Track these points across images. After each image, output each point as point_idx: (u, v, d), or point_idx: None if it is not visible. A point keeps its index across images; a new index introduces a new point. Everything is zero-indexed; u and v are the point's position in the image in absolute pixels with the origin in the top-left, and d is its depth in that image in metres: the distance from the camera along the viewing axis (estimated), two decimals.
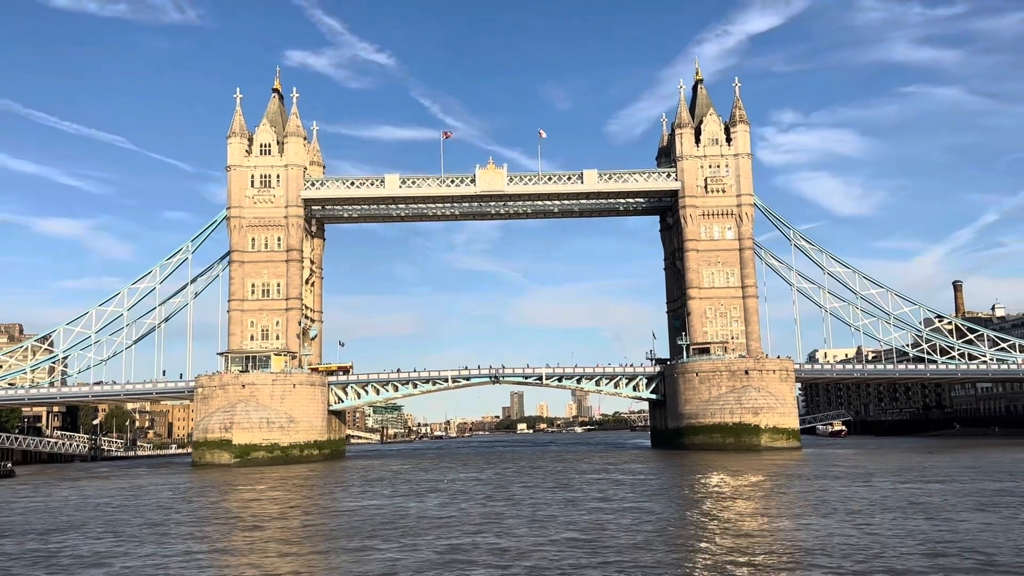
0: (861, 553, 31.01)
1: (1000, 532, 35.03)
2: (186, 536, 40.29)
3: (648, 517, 43.13)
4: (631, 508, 47.30)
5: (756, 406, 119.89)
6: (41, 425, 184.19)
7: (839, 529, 37.06)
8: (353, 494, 62.97)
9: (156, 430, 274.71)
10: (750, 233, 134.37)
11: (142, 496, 65.36)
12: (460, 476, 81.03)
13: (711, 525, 39.73)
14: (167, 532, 41.93)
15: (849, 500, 48.54)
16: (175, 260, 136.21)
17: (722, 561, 30.33)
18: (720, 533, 37.03)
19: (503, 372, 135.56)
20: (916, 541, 33.31)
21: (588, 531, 38.23)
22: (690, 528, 39.21)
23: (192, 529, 43.00)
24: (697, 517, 43.02)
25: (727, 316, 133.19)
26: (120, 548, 36.89)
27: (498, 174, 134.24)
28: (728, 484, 62.88)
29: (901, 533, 35.43)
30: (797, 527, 38.18)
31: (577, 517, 43.52)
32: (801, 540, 34.32)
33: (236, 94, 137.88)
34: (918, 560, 29.44)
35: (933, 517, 40.22)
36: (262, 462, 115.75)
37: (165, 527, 43.97)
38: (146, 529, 43.35)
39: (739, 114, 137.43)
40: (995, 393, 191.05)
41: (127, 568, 31.99)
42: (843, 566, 28.59)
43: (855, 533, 35.67)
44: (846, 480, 62.89)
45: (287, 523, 45.27)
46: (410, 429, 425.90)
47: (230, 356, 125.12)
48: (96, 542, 39.04)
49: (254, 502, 58.19)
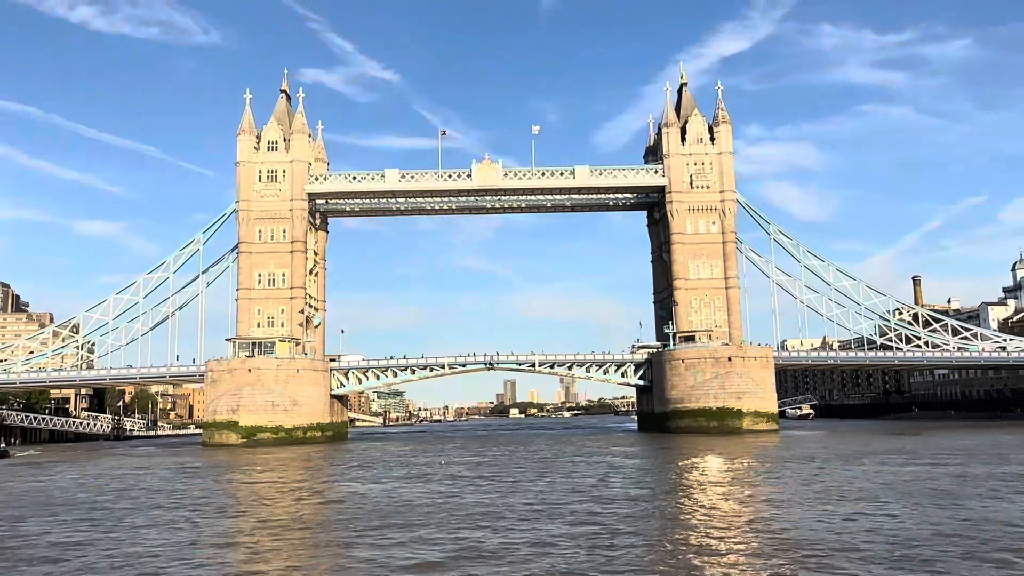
0: (899, 544, 25.45)
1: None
2: (166, 523, 34.42)
3: (651, 505, 37.52)
4: (633, 497, 41.58)
5: (739, 391, 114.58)
6: (69, 407, 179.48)
7: (864, 521, 31.45)
8: (347, 478, 57.24)
9: (178, 411, 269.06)
10: (733, 227, 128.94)
11: (142, 477, 59.43)
12: (456, 459, 75.18)
13: (722, 509, 34.16)
14: (145, 518, 36.05)
15: (853, 483, 42.96)
16: (188, 251, 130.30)
17: (747, 552, 24.74)
18: (731, 520, 31.48)
19: (497, 359, 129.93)
20: (934, 524, 27.82)
21: (591, 523, 32.51)
22: (702, 517, 33.55)
23: (175, 515, 37.13)
24: (707, 502, 37.45)
25: (711, 306, 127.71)
26: (84, 535, 31.01)
27: (493, 169, 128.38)
28: (723, 467, 57.39)
29: (923, 519, 29.89)
30: (815, 516, 32.58)
31: (578, 507, 37.78)
32: (820, 530, 28.75)
33: (246, 94, 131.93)
34: (947, 545, 23.95)
35: (954, 502, 34.67)
36: (267, 442, 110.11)
37: (147, 511, 38.11)
38: (126, 514, 37.45)
39: (722, 115, 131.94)
40: (951, 379, 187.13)
41: (85, 562, 26.13)
42: (875, 554, 23.11)
43: (887, 523, 30.11)
44: (839, 461, 57.35)
45: (272, 509, 39.47)
46: (411, 413, 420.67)
47: (237, 342, 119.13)
48: (64, 528, 33.14)
49: (250, 485, 52.47)
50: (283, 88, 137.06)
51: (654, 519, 32.66)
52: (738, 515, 32.93)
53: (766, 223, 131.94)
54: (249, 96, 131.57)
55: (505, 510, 35.79)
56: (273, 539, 29.76)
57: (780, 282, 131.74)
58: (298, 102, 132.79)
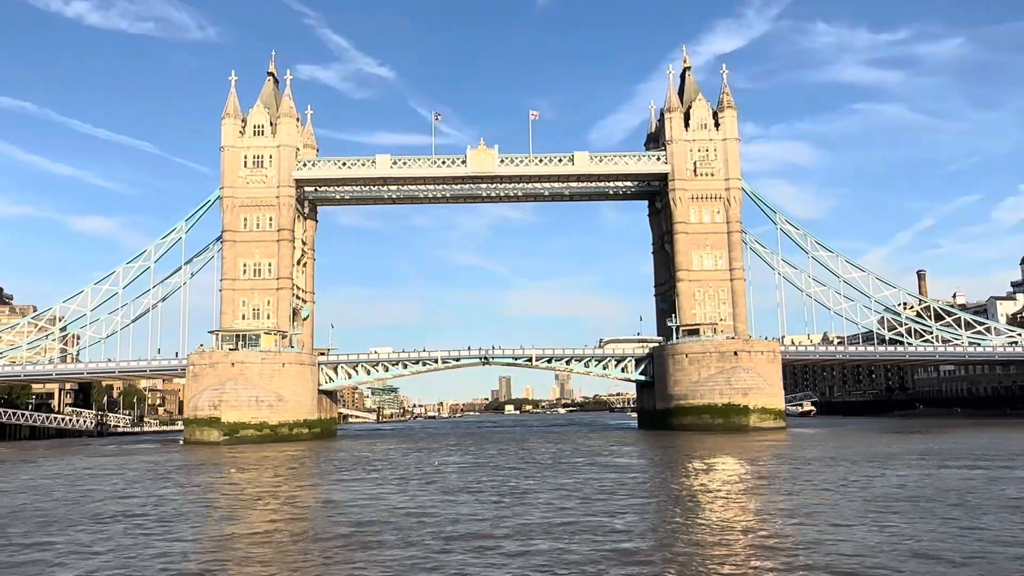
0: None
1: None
2: (89, 539, 28.27)
3: (675, 522, 31.51)
4: (650, 511, 35.56)
5: (745, 387, 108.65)
6: (53, 402, 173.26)
7: (950, 539, 25.48)
8: (326, 482, 51.12)
9: (167, 407, 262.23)
10: (738, 217, 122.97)
11: (103, 479, 53.23)
12: (448, 459, 69.10)
13: (767, 529, 28.18)
14: (67, 534, 29.90)
15: (898, 490, 36.97)
16: (170, 240, 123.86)
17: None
18: (786, 542, 25.45)
19: (493, 353, 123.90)
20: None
21: (603, 548, 26.51)
22: (743, 538, 27.59)
23: (108, 529, 30.98)
24: (744, 519, 31.44)
25: (715, 298, 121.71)
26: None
27: (489, 155, 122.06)
28: (743, 471, 51.39)
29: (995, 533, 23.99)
30: (884, 534, 26.63)
31: (588, 524, 31.73)
32: (902, 554, 22.75)
33: (231, 76, 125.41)
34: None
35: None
36: (251, 440, 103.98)
37: (78, 523, 31.96)
38: (50, 526, 31.27)
39: (727, 99, 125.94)
40: (957, 376, 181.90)
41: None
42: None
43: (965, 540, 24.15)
44: (867, 464, 51.40)
45: (224, 523, 33.35)
46: (405, 410, 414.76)
47: (221, 334, 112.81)
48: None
49: (215, 490, 46.26)
50: (270, 71, 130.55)
51: (680, 542, 26.65)
52: (786, 535, 26.93)
53: (772, 212, 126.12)
54: (235, 78, 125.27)
55: (501, 527, 29.76)
56: (206, 563, 23.66)
57: (785, 275, 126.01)
58: (285, 84, 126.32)
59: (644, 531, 28.24)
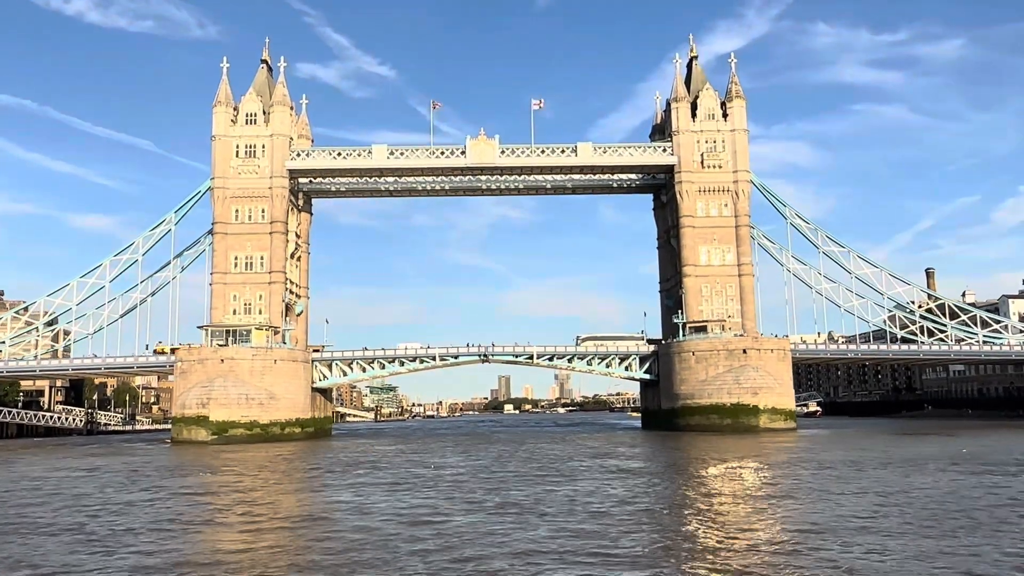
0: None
1: None
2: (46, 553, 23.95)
3: (706, 543, 27.17)
4: (674, 529, 31.20)
5: (755, 386, 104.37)
6: (43, 399, 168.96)
7: None
8: (312, 487, 46.77)
9: (161, 405, 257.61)
10: (746, 210, 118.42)
11: (72, 483, 48.93)
12: (447, 461, 64.72)
13: (820, 553, 23.82)
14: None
15: (945, 502, 32.64)
16: (159, 231, 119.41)
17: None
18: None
19: (492, 351, 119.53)
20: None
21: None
22: (791, 563, 23.27)
23: (64, 539, 26.59)
24: (785, 539, 27.10)
25: (723, 294, 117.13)
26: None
27: (490, 145, 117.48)
28: (767, 477, 47.00)
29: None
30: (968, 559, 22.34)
31: (604, 547, 27.38)
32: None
33: (223, 63, 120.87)
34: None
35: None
36: (240, 439, 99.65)
37: (26, 532, 27.57)
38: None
39: (735, 89, 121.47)
40: (967, 376, 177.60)
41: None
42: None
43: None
44: (898, 469, 47.07)
45: (183, 539, 28.96)
46: (403, 409, 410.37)
47: (210, 330, 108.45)
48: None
49: (188, 495, 41.93)
50: (264, 58, 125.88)
51: (715, 570, 22.32)
52: (843, 560, 22.59)
53: (782, 206, 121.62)
54: (226, 65, 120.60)
55: (502, 547, 25.42)
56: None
57: (794, 271, 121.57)
58: (279, 72, 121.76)
59: (669, 556, 23.89)
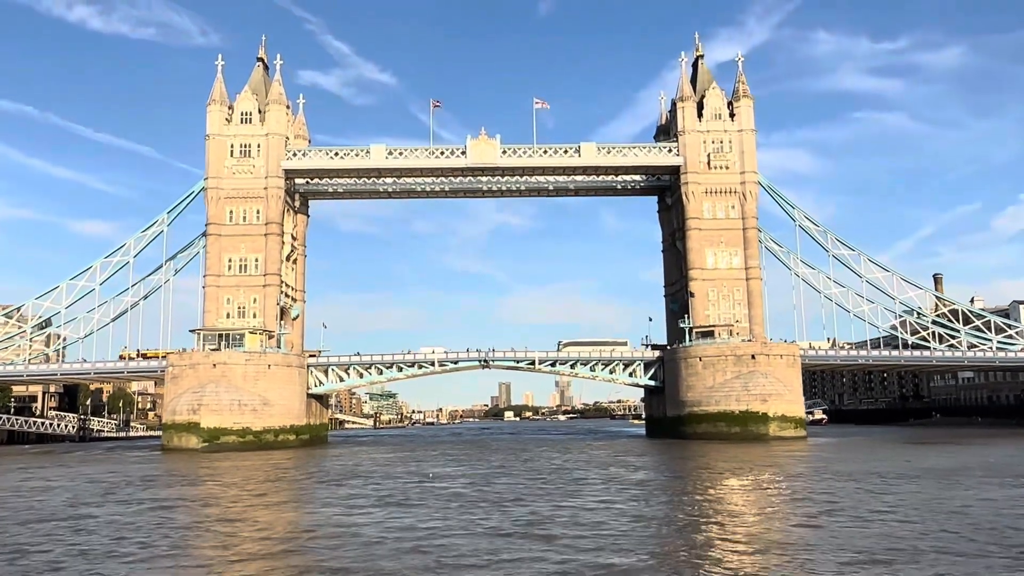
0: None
1: None
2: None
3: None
4: (702, 555, 27.54)
5: (764, 393, 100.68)
6: (36, 405, 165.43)
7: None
8: (300, 499, 43.12)
9: (157, 411, 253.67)
10: (754, 212, 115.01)
11: (38, 499, 45.25)
12: (446, 471, 61.03)
13: None
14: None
15: (999, 520, 29.02)
16: (151, 233, 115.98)
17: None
18: None
19: (493, 356, 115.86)
20: None
21: None
22: None
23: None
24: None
25: (730, 299, 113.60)
26: None
27: (491, 145, 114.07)
28: (797, 489, 43.22)
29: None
30: None
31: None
32: None
33: (218, 60, 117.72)
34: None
35: None
36: (233, 447, 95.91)
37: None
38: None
39: (742, 89, 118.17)
40: (976, 383, 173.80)
41: None
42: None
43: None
44: (933, 483, 43.41)
45: (149, 558, 25.29)
46: (403, 416, 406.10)
47: (203, 334, 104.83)
48: None
49: (162, 511, 38.29)
50: (260, 56, 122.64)
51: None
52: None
53: (791, 208, 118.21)
54: (221, 63, 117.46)
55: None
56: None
57: (802, 274, 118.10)
58: (275, 69, 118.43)
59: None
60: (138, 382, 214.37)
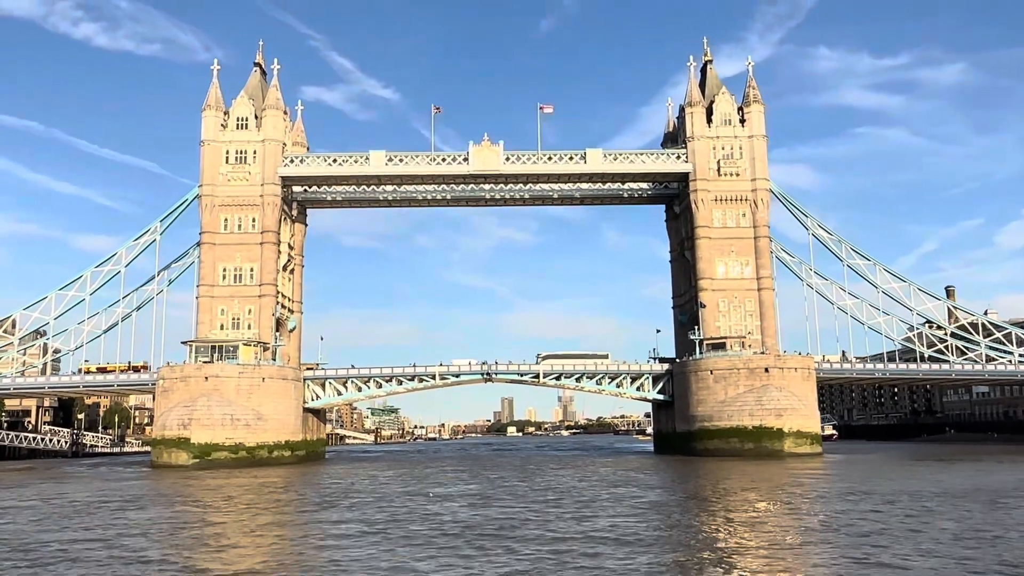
0: None
1: None
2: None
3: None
4: None
5: (779, 407, 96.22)
6: (30, 420, 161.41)
7: None
8: (282, 524, 38.79)
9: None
10: (766, 220, 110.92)
11: (18, 514, 41.01)
12: (446, 491, 56.61)
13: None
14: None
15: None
16: (143, 242, 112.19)
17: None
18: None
19: (496, 369, 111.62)
20: None
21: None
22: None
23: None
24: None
25: (741, 310, 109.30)
26: None
27: (494, 152, 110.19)
28: (826, 517, 38.78)
29: None
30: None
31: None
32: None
33: (213, 65, 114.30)
34: None
35: None
36: (224, 463, 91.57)
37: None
38: None
39: (753, 94, 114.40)
40: (991, 398, 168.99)
41: None
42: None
43: None
44: (983, 507, 38.99)
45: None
46: (405, 431, 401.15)
47: (195, 345, 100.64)
48: None
49: (126, 538, 34.02)
50: (257, 61, 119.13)
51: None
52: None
53: (804, 216, 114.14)
54: (217, 67, 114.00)
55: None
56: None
57: (816, 286, 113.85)
58: (273, 74, 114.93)
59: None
60: (136, 396, 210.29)
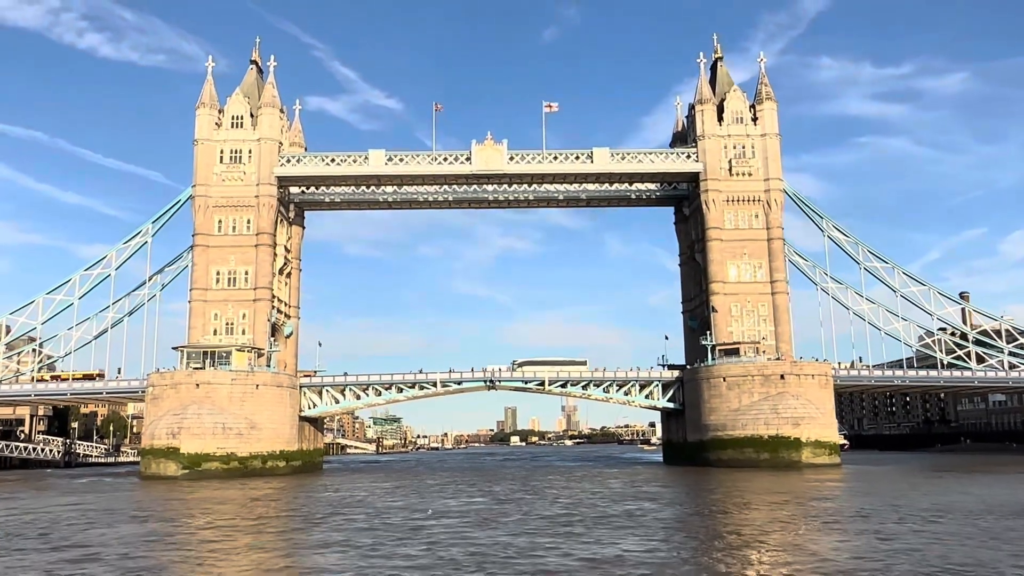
0: None
1: None
2: None
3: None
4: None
5: (796, 416, 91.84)
6: (23, 429, 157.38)
7: None
8: (264, 546, 34.61)
9: None
10: (779, 222, 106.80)
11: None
12: (447, 507, 52.34)
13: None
14: None
15: None
16: (134, 244, 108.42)
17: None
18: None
19: (500, 376, 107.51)
20: None
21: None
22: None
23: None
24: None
25: (754, 314, 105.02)
26: None
27: (497, 151, 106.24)
28: (862, 537, 34.56)
29: None
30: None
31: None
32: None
33: (208, 62, 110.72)
34: None
35: None
36: (215, 474, 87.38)
37: None
38: None
39: (765, 91, 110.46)
40: (1008, 407, 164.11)
41: None
42: None
43: None
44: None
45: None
46: (408, 441, 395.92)
47: (186, 351, 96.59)
48: None
49: (85, 562, 29.90)
50: (253, 59, 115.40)
51: None
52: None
53: (819, 217, 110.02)
54: (211, 64, 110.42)
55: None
56: None
57: (830, 289, 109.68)
58: (269, 71, 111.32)
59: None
60: (134, 405, 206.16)
